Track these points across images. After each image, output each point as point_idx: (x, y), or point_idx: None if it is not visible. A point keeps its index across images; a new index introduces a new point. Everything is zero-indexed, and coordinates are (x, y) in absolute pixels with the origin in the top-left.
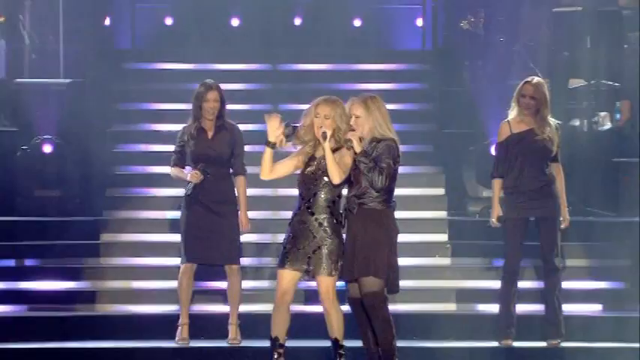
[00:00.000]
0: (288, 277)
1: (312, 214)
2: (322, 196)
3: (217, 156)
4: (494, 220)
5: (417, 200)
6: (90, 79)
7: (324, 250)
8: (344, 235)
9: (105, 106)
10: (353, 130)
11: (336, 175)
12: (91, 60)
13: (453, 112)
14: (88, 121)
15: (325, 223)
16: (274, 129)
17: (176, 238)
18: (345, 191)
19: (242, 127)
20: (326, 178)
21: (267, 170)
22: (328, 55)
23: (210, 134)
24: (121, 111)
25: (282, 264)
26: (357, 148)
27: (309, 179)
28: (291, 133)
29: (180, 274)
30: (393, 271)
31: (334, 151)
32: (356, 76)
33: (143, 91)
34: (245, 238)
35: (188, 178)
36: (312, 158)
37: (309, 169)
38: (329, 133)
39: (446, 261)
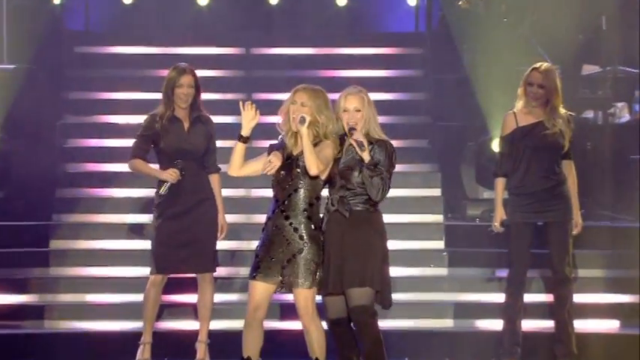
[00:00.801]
0: (261, 289)
1: (287, 217)
2: (298, 197)
3: (194, 151)
4: (497, 224)
5: (409, 202)
6: (38, 65)
7: (300, 259)
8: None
9: (55, 96)
10: (353, 129)
11: (313, 165)
12: (39, 43)
13: (449, 103)
14: (36, 112)
15: (301, 228)
16: (249, 120)
17: (136, 245)
18: (324, 192)
19: (215, 119)
20: (302, 182)
21: (237, 166)
22: (309, 39)
23: (186, 126)
24: (73, 101)
25: (253, 275)
26: (367, 156)
27: (285, 179)
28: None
29: (148, 286)
30: (387, 283)
31: (314, 145)
32: (340, 62)
33: (98, 79)
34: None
35: (164, 177)
36: (290, 156)
37: (284, 167)
38: (308, 119)
39: (442, 271)
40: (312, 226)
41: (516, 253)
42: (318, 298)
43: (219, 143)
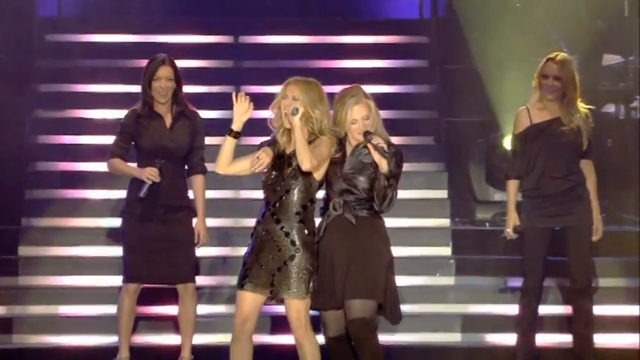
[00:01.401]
0: (249, 300)
1: (278, 221)
2: (291, 199)
3: (176, 149)
4: (509, 230)
5: (412, 205)
6: (5, 54)
7: (292, 267)
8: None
9: (24, 88)
10: (369, 133)
11: (306, 159)
12: (6, 30)
13: (457, 96)
14: (3, 106)
15: (293, 233)
16: (241, 114)
17: (114, 251)
18: (320, 193)
19: (201, 114)
20: (295, 183)
21: (225, 163)
22: (303, 26)
23: (167, 122)
24: (44, 94)
25: (241, 284)
26: (386, 166)
27: (276, 179)
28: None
29: (121, 297)
30: (394, 296)
31: (309, 142)
32: (338, 52)
33: (72, 69)
34: (200, 251)
35: (144, 177)
36: (282, 155)
37: (275, 167)
38: (301, 110)
39: (449, 280)
40: (306, 231)
41: (531, 261)
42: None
43: (206, 140)
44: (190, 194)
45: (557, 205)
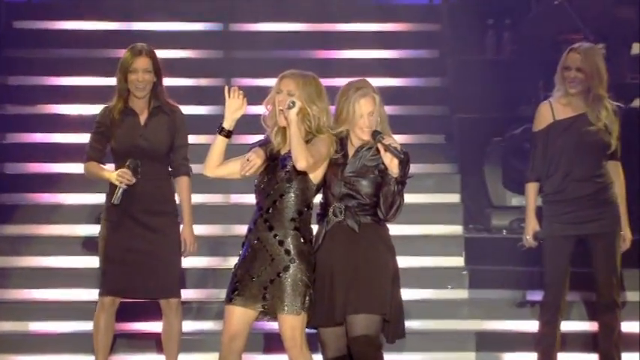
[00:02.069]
0: (239, 316)
1: (271, 228)
2: (285, 204)
3: (152, 149)
4: (528, 237)
5: (421, 210)
6: None
7: (286, 279)
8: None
9: None
10: (379, 132)
11: (301, 156)
12: None
13: (471, 90)
14: None
15: (288, 242)
16: (233, 110)
17: (91, 262)
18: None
19: (185, 110)
20: (289, 186)
21: (214, 164)
22: (300, 12)
23: (142, 119)
24: (12, 87)
25: (230, 298)
26: (397, 169)
27: (269, 182)
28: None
29: (97, 311)
30: (399, 311)
31: (305, 142)
32: (338, 41)
33: (43, 60)
34: (186, 262)
35: (114, 180)
36: (276, 157)
37: (268, 169)
38: (298, 104)
39: (462, 294)
40: (302, 240)
41: (553, 272)
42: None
43: (192, 139)
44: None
45: (581, 210)
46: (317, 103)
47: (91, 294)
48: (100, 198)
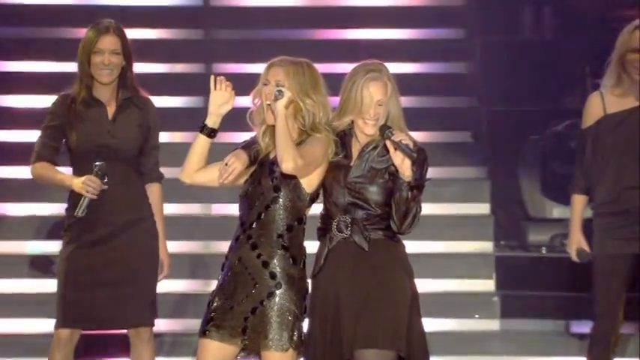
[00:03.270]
0: (215, 351)
1: (255, 246)
2: (272, 218)
3: (122, 149)
4: (573, 255)
5: (443, 224)
6: None
7: (270, 308)
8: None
9: None
10: (388, 127)
11: (288, 156)
12: None
13: (503, 77)
14: None
15: (274, 263)
16: (219, 104)
17: (43, 286)
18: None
19: (157, 102)
20: (277, 196)
21: (193, 168)
22: None
23: (110, 111)
24: None
25: (204, 330)
26: (409, 171)
27: (254, 192)
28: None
29: (51, 348)
30: (421, 346)
31: (298, 144)
32: (341, 19)
33: None
34: (160, 286)
35: (78, 189)
36: (263, 161)
37: (254, 177)
38: (287, 94)
39: (492, 324)
40: (291, 261)
41: (604, 299)
42: None
43: (163, 137)
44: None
45: (637, 223)
46: (312, 96)
47: (44, 326)
48: (52, 209)
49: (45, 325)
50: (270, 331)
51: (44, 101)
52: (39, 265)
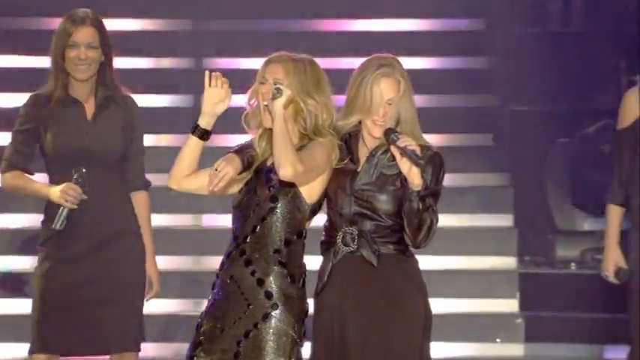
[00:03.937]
0: None
1: (248, 263)
2: (268, 231)
3: (104, 153)
4: (609, 274)
5: (462, 237)
6: None
7: (266, 331)
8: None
9: None
10: (394, 131)
11: (286, 161)
12: None
13: (528, 74)
14: None
15: (270, 281)
16: (214, 103)
17: (14, 307)
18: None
19: (140, 101)
20: (274, 207)
21: (184, 173)
22: None
23: (89, 112)
24: None
25: (191, 356)
26: (419, 179)
27: (249, 202)
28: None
29: None
30: None
31: (298, 149)
32: (347, 8)
33: None
34: (147, 307)
35: (56, 199)
36: (259, 168)
37: (249, 185)
38: (286, 92)
39: (516, 349)
40: (288, 279)
41: None
42: None
43: (148, 140)
44: None
45: None
46: (314, 96)
47: (16, 351)
48: (25, 220)
49: (17, 351)
50: (265, 357)
51: (14, 100)
52: (8, 284)
